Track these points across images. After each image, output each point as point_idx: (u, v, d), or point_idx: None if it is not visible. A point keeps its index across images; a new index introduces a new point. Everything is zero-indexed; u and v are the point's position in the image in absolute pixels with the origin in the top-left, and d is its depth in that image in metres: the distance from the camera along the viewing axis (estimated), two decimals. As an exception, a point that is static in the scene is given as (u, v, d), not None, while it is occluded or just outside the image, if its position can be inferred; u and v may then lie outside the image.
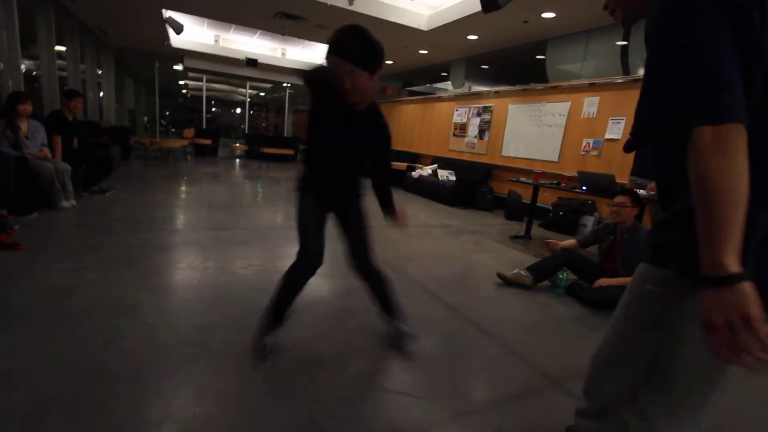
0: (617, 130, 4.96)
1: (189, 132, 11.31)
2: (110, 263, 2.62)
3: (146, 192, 5.27)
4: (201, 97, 14.36)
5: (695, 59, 0.64)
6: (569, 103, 5.57)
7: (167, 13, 7.21)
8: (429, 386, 1.66)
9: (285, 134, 15.05)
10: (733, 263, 0.59)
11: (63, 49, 7.53)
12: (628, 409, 0.81)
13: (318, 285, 2.65)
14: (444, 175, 6.99)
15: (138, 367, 1.58)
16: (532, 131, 6.15)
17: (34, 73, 7.23)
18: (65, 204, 3.88)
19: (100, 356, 1.62)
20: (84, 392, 1.41)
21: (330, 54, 1.41)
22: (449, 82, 9.37)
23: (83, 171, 4.64)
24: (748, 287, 0.60)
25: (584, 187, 3.94)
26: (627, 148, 0.87)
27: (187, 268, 2.70)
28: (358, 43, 1.41)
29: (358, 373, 1.70)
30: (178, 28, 7.71)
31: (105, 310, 2.00)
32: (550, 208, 5.42)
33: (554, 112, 5.81)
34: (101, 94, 10.29)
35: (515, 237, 4.56)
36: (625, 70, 5.45)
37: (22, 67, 5.42)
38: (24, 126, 3.81)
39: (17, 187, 3.41)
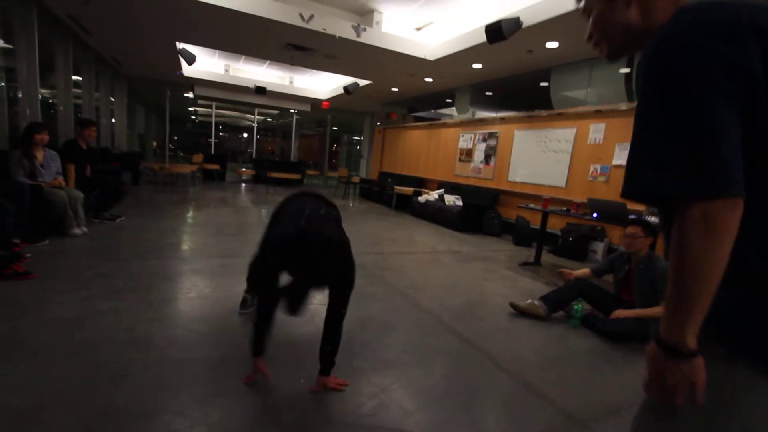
0: (625, 156, 4.97)
1: (198, 157, 11.49)
2: (120, 292, 2.60)
3: (156, 218, 5.31)
4: (209, 122, 14.65)
5: (687, 121, 0.60)
6: (575, 129, 5.63)
7: (180, 45, 7.45)
8: (447, 427, 1.60)
9: (292, 159, 15.23)
10: (692, 341, 0.63)
11: (78, 78, 7.77)
12: None
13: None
14: (451, 200, 7.00)
15: (150, 404, 1.54)
16: (539, 157, 6.19)
17: (50, 101, 7.43)
18: (77, 231, 3.91)
19: (112, 392, 1.59)
20: (99, 426, 1.37)
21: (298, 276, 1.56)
22: (454, 108, 9.53)
23: (95, 198, 4.70)
24: (700, 361, 0.64)
25: (595, 214, 3.93)
26: None
27: (196, 298, 2.68)
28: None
29: (372, 411, 1.65)
30: (191, 59, 7.95)
31: (116, 342, 1.98)
32: (559, 233, 5.38)
33: (560, 138, 5.86)
34: (113, 120, 10.55)
35: (525, 264, 4.51)
36: (630, 97, 5.52)
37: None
38: (40, 155, 3.89)
39: (31, 215, 3.45)
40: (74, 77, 7.10)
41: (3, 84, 5.67)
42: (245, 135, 22.12)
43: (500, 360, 2.19)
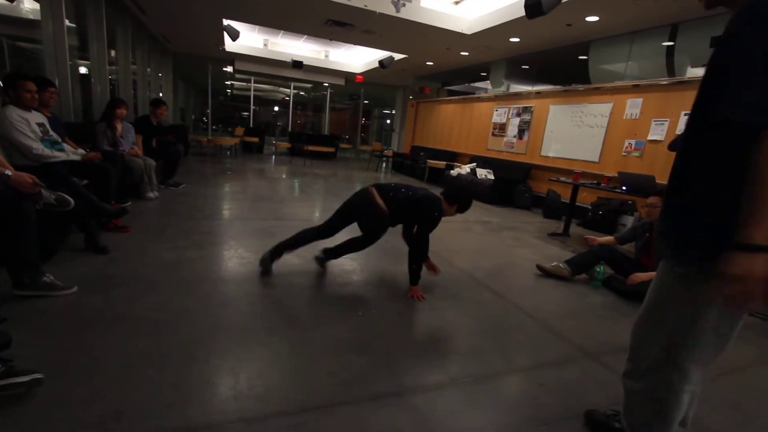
0: (660, 131, 5.02)
1: (239, 130, 12.06)
2: (202, 245, 3.10)
3: (211, 186, 5.86)
4: (242, 96, 15.09)
5: None
6: (611, 104, 5.65)
7: (226, 22, 7.82)
8: (481, 351, 1.97)
9: (324, 132, 15.61)
10: (760, 238, 0.79)
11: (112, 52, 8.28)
12: (671, 368, 1.08)
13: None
14: (483, 173, 7.20)
15: (248, 322, 1.99)
16: (573, 131, 6.25)
17: (110, 77, 8.05)
18: (151, 195, 4.47)
19: (219, 313, 2.06)
20: (214, 336, 1.83)
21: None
22: (488, 82, 9.52)
23: (160, 166, 5.26)
24: None
25: (624, 187, 4.09)
26: (672, 147, 1.11)
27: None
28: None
29: (422, 334, 2.04)
30: (235, 35, 8.33)
31: (212, 280, 2.46)
32: (590, 207, 5.54)
33: (596, 112, 5.90)
34: (161, 95, 11.22)
35: (554, 234, 4.75)
36: (671, 71, 5.46)
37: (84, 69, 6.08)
38: (119, 127, 4.42)
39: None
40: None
41: (70, 62, 6.25)
42: (276, 108, 22.61)
43: (526, 309, 2.53)
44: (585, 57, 6.62)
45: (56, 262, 2.46)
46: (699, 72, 4.94)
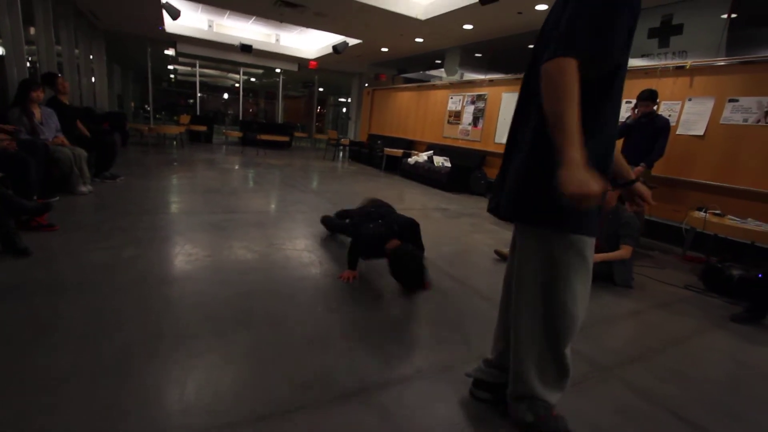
0: (604, 118, 5.25)
1: (185, 118, 11.31)
2: (142, 243, 2.84)
3: (153, 178, 5.43)
4: (187, 81, 14.17)
5: (597, 23, 1.05)
6: (560, 92, 5.84)
7: (164, -1, 7.22)
8: (444, 340, 1.95)
9: (278, 121, 15.04)
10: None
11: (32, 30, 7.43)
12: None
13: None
14: (439, 161, 7.24)
15: (193, 327, 1.83)
16: (525, 119, 6.42)
17: (30, 59, 7.18)
18: (83, 189, 4.04)
19: (159, 318, 1.87)
20: (155, 344, 1.66)
21: None
22: (443, 70, 9.55)
23: (94, 157, 4.78)
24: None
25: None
26: (618, 135, 1.23)
27: (213, 246, 2.93)
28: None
29: (385, 327, 1.98)
30: (175, 14, 7.73)
31: (152, 281, 2.24)
32: (541, 192, 5.73)
33: (546, 100, 6.08)
34: (93, 79, 10.21)
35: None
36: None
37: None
38: (37, 112, 3.93)
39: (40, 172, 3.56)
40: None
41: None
42: (226, 96, 21.47)
43: (486, 294, 2.55)
44: (535, 46, 6.79)
45: (-37, 269, 2.14)
46: (640, 62, 5.21)
